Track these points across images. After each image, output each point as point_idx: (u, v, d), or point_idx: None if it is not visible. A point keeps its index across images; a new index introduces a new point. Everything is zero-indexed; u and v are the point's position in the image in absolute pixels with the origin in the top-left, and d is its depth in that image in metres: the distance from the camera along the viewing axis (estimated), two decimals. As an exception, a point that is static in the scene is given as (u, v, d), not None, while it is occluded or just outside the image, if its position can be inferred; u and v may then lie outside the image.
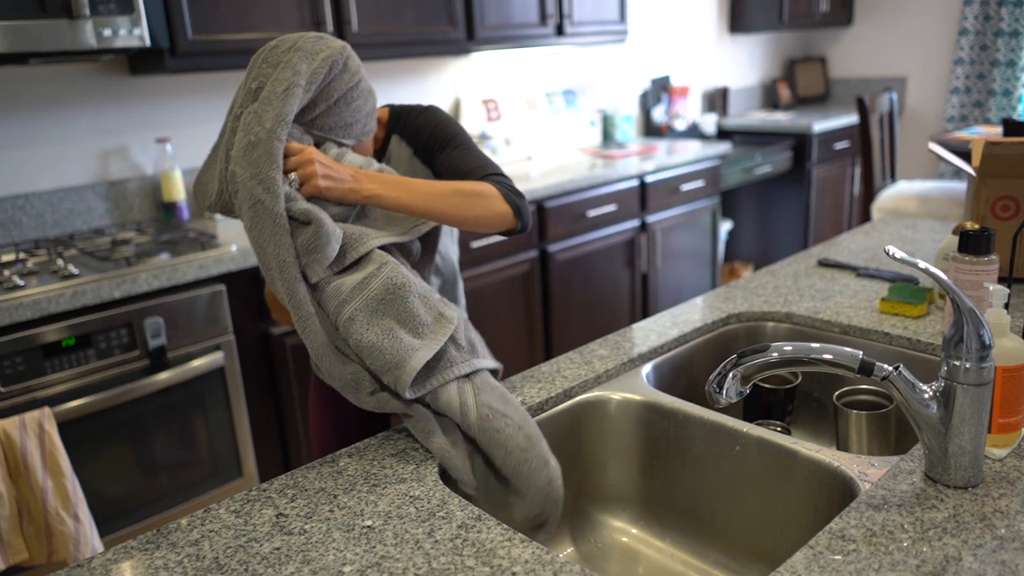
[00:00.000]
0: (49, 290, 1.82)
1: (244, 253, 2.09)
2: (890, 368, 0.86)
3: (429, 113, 1.32)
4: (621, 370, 1.25)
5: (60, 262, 1.98)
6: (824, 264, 1.68)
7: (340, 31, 2.50)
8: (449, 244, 1.44)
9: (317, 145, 1.19)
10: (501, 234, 1.26)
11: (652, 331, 1.37)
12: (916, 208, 3.47)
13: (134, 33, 2.02)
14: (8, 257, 2.14)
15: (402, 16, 2.64)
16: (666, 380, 1.31)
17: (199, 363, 2.03)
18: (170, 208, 2.49)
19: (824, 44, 5.07)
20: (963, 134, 3.46)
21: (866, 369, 0.86)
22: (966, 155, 2.95)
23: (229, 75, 2.64)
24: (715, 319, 1.41)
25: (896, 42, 4.76)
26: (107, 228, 2.41)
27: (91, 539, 1.82)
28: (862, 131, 3.56)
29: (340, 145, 1.21)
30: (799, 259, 1.75)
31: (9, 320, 1.74)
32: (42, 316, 1.80)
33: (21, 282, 1.84)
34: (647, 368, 1.26)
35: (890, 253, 0.86)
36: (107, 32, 1.97)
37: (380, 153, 1.35)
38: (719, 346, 1.41)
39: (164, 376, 1.97)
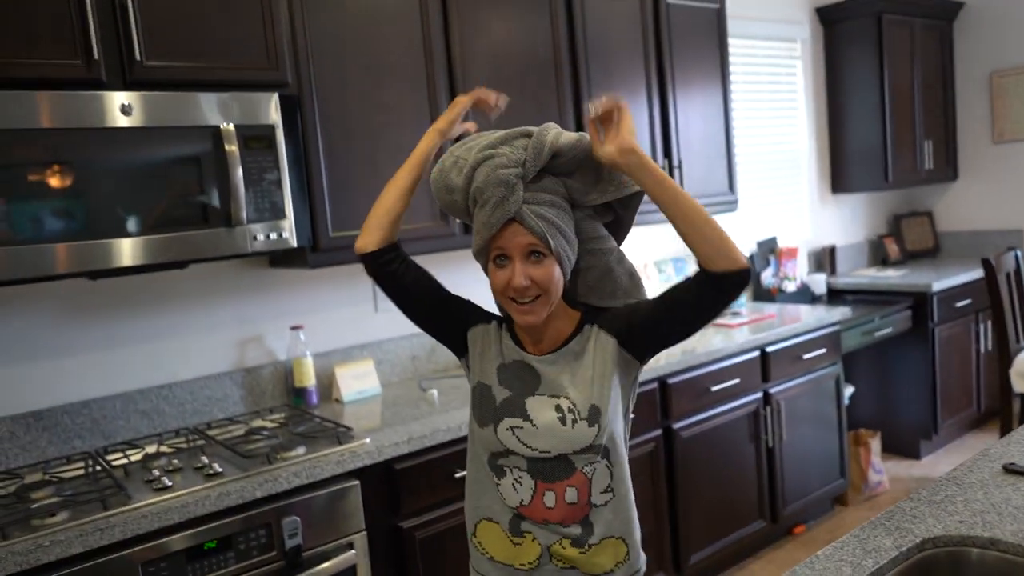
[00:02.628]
0: (195, 491, 1.83)
1: (379, 447, 2.08)
2: None
3: (629, 302, 1.41)
4: (820, 614, 1.13)
5: (204, 459, 2.01)
6: (1011, 471, 1.54)
7: (466, 219, 2.59)
8: (617, 422, 1.39)
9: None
10: (722, 289, 1.28)
11: (843, 561, 1.26)
12: (1062, 374, 3.24)
13: (283, 236, 2.14)
14: (151, 448, 2.19)
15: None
16: (868, 622, 1.18)
17: (332, 563, 1.97)
18: (300, 393, 2.54)
19: (929, 199, 5.00)
20: (1106, 295, 3.27)
21: None
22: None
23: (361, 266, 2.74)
24: (910, 545, 1.29)
25: (1006, 195, 4.64)
26: (240, 415, 2.46)
27: None
28: (991, 292, 3.40)
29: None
30: (979, 464, 1.61)
31: (158, 525, 1.75)
32: (188, 519, 1.80)
33: (169, 482, 1.87)
34: (848, 610, 1.14)
35: None
36: (260, 236, 2.09)
37: (570, 338, 1.40)
38: (918, 577, 1.28)
39: (299, 578, 1.92)
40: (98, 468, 2.04)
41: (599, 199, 1.38)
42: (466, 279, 3.04)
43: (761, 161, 4.16)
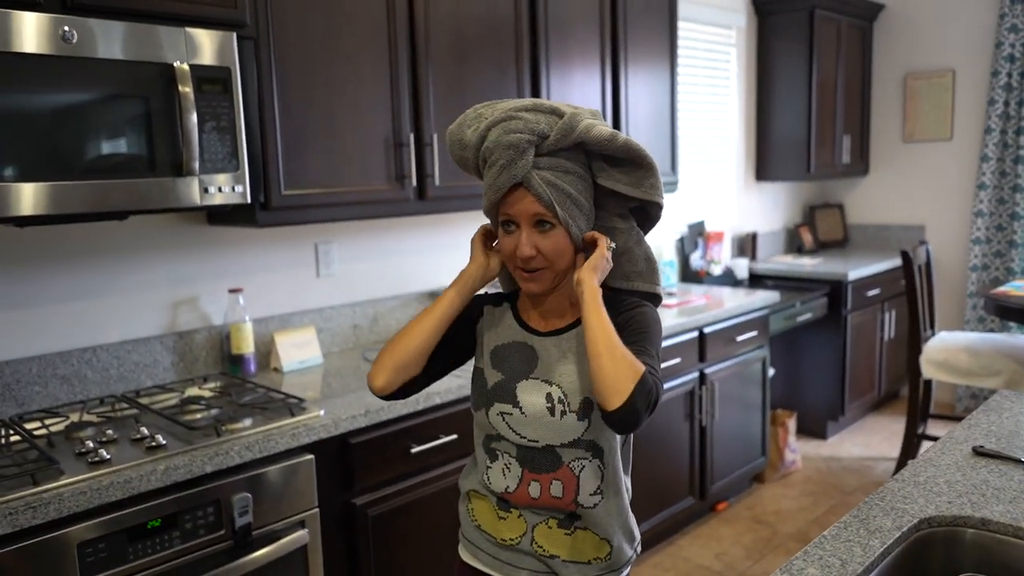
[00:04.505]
0: (138, 465, 1.67)
1: (335, 420, 1.96)
2: None
3: (640, 308, 1.31)
4: (841, 595, 1.13)
5: (143, 429, 1.84)
6: (981, 453, 1.60)
7: (422, 183, 2.47)
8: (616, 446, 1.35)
9: None
10: (603, 415, 1.18)
11: (852, 542, 1.26)
12: (968, 362, 3.46)
13: (236, 190, 1.97)
14: (74, 417, 1.98)
15: (479, 170, 2.63)
16: (879, 602, 1.19)
17: (283, 543, 1.85)
18: (237, 361, 2.37)
19: (841, 192, 5.22)
20: (1009, 289, 3.49)
21: None
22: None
23: (305, 227, 2.58)
24: (908, 525, 1.31)
25: (912, 192, 4.90)
26: (171, 383, 2.27)
27: None
28: (908, 282, 3.58)
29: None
30: (947, 446, 1.67)
31: (98, 502, 1.58)
32: (131, 496, 1.64)
33: (107, 455, 1.69)
34: (865, 591, 1.14)
35: None
36: (212, 189, 1.92)
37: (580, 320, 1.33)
38: (916, 557, 1.30)
39: (248, 559, 1.79)
40: (16, 438, 1.83)
41: (620, 188, 1.32)
42: (420, 244, 2.95)
43: (694, 144, 4.21)
